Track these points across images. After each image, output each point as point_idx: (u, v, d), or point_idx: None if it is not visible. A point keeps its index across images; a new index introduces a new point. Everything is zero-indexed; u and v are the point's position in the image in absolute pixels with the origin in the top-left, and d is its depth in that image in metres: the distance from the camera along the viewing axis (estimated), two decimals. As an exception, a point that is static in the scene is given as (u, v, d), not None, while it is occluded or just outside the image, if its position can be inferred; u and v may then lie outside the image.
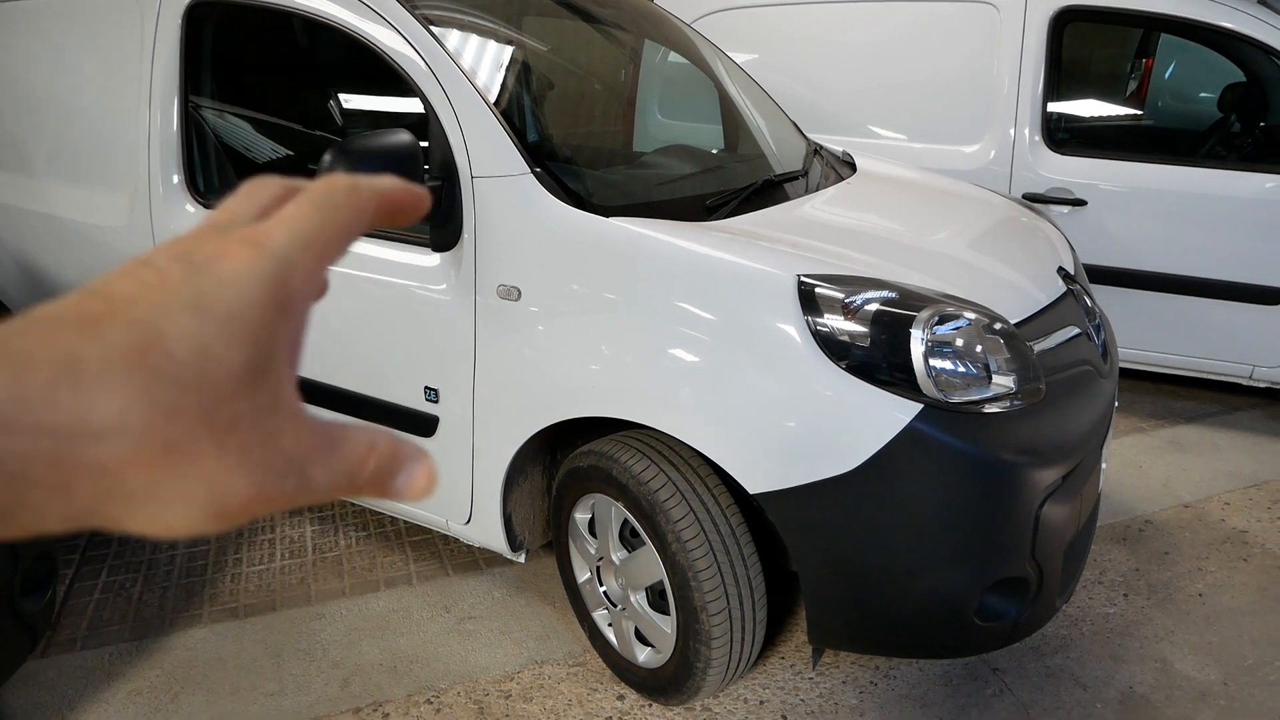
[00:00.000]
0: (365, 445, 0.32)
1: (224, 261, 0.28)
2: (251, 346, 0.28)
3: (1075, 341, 2.11)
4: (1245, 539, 2.99)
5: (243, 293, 0.28)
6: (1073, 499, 1.89)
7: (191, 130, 2.62)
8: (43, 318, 0.26)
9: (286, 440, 0.29)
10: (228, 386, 0.27)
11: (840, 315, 1.81)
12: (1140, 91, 4.62)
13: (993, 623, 1.89)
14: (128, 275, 0.27)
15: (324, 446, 0.30)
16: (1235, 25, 3.41)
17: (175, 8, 2.55)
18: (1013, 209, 2.73)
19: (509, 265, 2.08)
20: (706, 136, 3.34)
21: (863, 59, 4.05)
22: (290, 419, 0.29)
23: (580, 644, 2.48)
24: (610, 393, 2.00)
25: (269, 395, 0.28)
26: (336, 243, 0.32)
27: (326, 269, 0.32)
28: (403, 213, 0.35)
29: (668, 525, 1.97)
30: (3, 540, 0.27)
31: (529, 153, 2.10)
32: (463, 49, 2.25)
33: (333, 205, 0.32)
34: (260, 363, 0.28)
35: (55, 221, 2.90)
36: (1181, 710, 2.26)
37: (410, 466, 0.33)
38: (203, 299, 0.27)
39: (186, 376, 0.26)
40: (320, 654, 2.45)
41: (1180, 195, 3.49)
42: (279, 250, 0.29)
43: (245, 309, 0.28)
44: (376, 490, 0.33)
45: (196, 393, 0.26)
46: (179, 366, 0.26)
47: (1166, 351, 3.71)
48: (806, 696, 2.30)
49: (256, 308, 0.28)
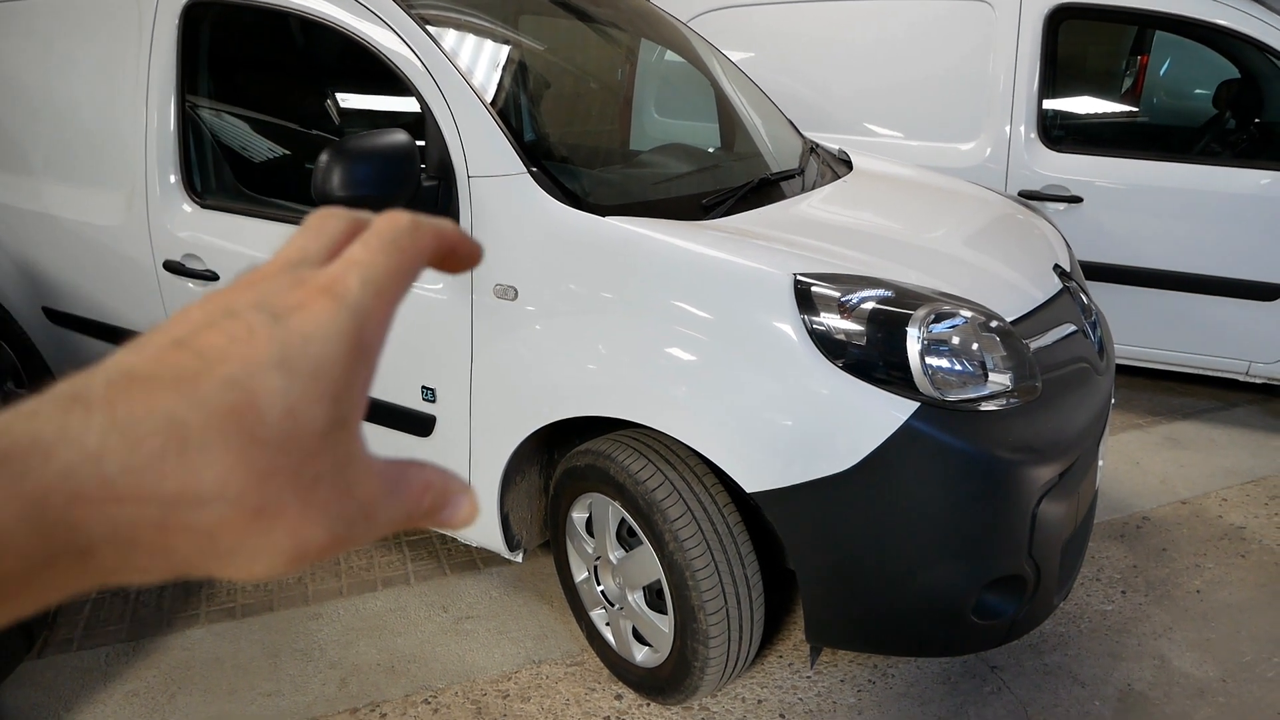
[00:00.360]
0: (422, 484, 0.33)
1: (306, 314, 0.29)
2: (334, 404, 0.28)
3: (1071, 339, 2.12)
4: (1243, 535, 3.00)
5: (326, 349, 0.28)
6: (1070, 496, 1.89)
7: (188, 130, 2.61)
8: (140, 376, 0.26)
9: (360, 490, 0.30)
10: (313, 445, 0.28)
11: (836, 314, 1.81)
12: (1135, 89, 4.62)
13: (990, 620, 1.89)
14: (214, 327, 0.28)
15: (389, 490, 0.31)
16: (1230, 22, 3.42)
17: (172, 7, 2.55)
18: (1009, 206, 2.73)
19: (505, 265, 2.08)
20: (703, 135, 3.34)
21: (859, 57, 4.05)
22: (363, 468, 0.30)
23: (578, 643, 2.48)
24: (607, 392, 2.00)
25: (346, 448, 0.29)
26: (404, 286, 0.32)
27: (394, 312, 0.32)
28: (456, 258, 0.36)
29: (665, 524, 1.97)
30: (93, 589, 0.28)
31: (525, 152, 2.10)
32: (459, 48, 2.25)
33: (399, 248, 0.32)
34: (341, 418, 0.29)
35: (52, 221, 2.89)
36: (1180, 707, 2.26)
37: (457, 500, 0.34)
38: (289, 357, 0.28)
39: (277, 438, 0.27)
40: (318, 654, 2.45)
41: (1176, 192, 3.50)
42: (355, 301, 0.30)
43: (329, 366, 0.28)
44: (426, 522, 0.34)
45: (286, 454, 0.27)
46: (270, 429, 0.27)
47: (1163, 348, 3.71)
48: (804, 695, 2.30)
49: (339, 364, 0.29)
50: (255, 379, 0.27)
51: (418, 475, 0.33)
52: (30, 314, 3.11)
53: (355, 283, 0.30)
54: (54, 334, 3.10)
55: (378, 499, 0.31)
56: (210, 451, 0.26)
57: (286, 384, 0.27)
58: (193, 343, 0.27)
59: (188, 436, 0.26)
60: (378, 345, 0.31)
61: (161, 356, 0.27)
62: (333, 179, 1.86)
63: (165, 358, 0.27)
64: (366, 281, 0.31)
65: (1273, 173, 3.38)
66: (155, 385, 0.26)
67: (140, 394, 0.26)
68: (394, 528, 0.32)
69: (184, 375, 0.26)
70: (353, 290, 0.30)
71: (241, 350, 0.27)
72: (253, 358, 0.27)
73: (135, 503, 0.25)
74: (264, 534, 0.27)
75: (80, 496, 0.25)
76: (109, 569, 0.26)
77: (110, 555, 0.26)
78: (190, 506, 0.26)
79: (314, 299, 0.29)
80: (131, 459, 0.25)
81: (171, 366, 0.27)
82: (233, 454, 0.26)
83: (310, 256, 0.32)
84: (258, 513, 0.27)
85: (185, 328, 0.28)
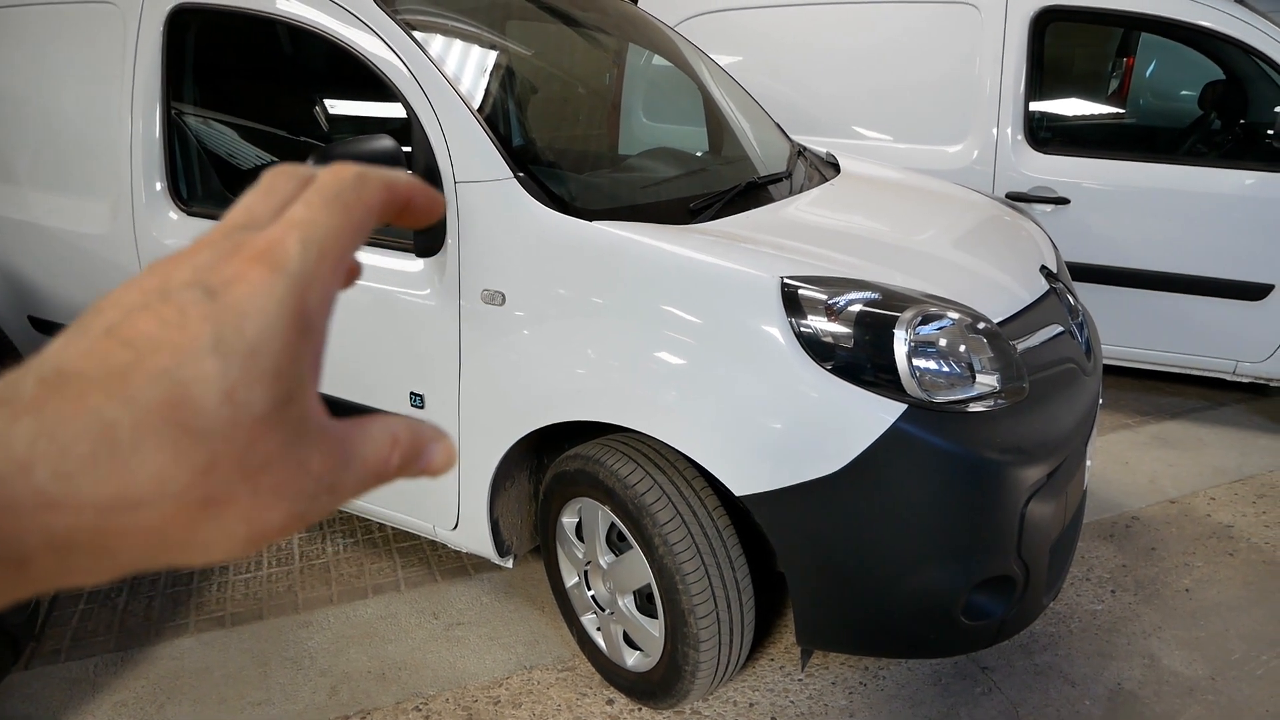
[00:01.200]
0: (388, 442, 0.32)
1: (240, 287, 0.27)
2: (276, 382, 0.27)
3: (1058, 340, 2.12)
4: (1231, 534, 3.01)
5: (263, 324, 0.27)
6: (1058, 496, 1.90)
7: (174, 137, 2.60)
8: (71, 373, 0.25)
9: (316, 464, 0.29)
10: (257, 428, 0.27)
11: (824, 316, 1.81)
12: (1121, 90, 4.64)
13: (980, 621, 1.90)
14: (148, 310, 0.26)
15: (350, 454, 0.30)
16: (1214, 24, 3.44)
17: (157, 14, 2.54)
18: (996, 208, 2.74)
19: (493, 270, 2.08)
20: (691, 139, 3.34)
21: (846, 60, 4.06)
22: (318, 438, 0.29)
23: (569, 649, 2.47)
24: (596, 396, 2.00)
25: (296, 423, 0.28)
26: (349, 245, 0.30)
27: (342, 273, 0.30)
28: (412, 212, 0.34)
29: (654, 529, 1.97)
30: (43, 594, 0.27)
31: (512, 157, 2.10)
32: (445, 54, 2.25)
33: (344, 204, 0.31)
34: (286, 394, 0.27)
35: (38, 229, 2.87)
36: (1169, 705, 2.27)
37: (430, 450, 0.33)
38: (224, 338, 0.26)
39: (217, 428, 0.26)
40: (308, 662, 2.44)
41: (1162, 193, 3.51)
42: (294, 267, 0.28)
43: (267, 342, 0.27)
44: (401, 476, 0.33)
45: (228, 442, 0.26)
46: (208, 418, 0.26)
47: (1150, 348, 3.73)
48: (796, 698, 2.30)
49: (279, 338, 0.27)
50: (188, 367, 0.25)
51: (382, 433, 0.32)
52: (16, 323, 3.09)
53: (294, 246, 0.28)
54: (40, 343, 3.07)
55: (338, 468, 0.30)
56: (143, 451, 0.25)
57: (222, 368, 0.26)
58: (124, 331, 0.26)
59: (119, 437, 0.25)
60: (324, 312, 0.29)
61: (93, 349, 0.26)
62: (318, 185, 1.85)
63: (97, 350, 0.26)
64: (307, 243, 0.29)
65: (1258, 173, 3.40)
66: (85, 384, 0.25)
67: (71, 394, 0.25)
68: (363, 490, 0.31)
69: (115, 370, 0.25)
70: (291, 255, 0.28)
71: (173, 336, 0.26)
72: (185, 344, 0.26)
73: (70, 511, 0.24)
74: (215, 524, 0.26)
75: (10, 507, 0.24)
76: (49, 576, 0.25)
77: (49, 563, 0.25)
78: (128, 510, 0.25)
79: (250, 268, 0.28)
80: (62, 465, 0.24)
81: (102, 361, 0.25)
82: (168, 451, 0.25)
83: (256, 219, 0.30)
84: (204, 505, 0.26)
85: (118, 312, 0.27)
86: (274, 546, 2.96)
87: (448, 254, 2.13)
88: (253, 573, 2.83)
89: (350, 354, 2.34)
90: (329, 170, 0.32)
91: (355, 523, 3.11)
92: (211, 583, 2.78)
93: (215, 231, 0.30)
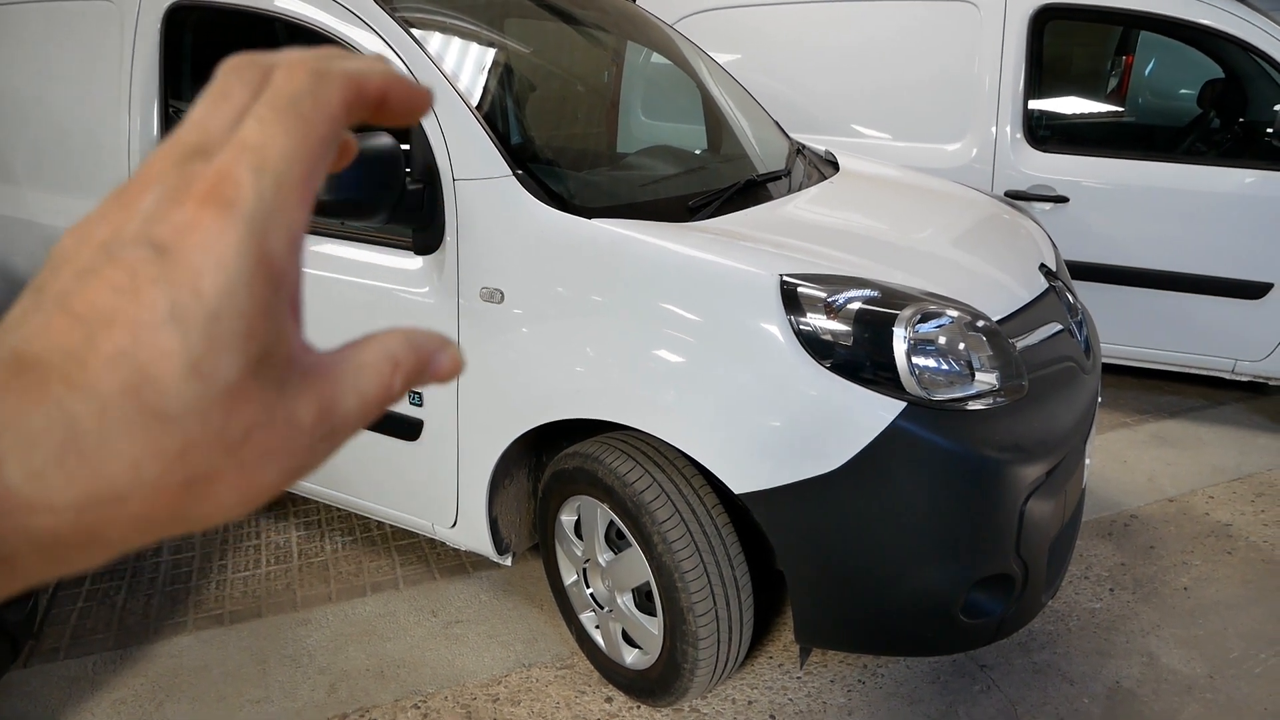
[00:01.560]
0: (389, 365, 0.29)
1: (192, 238, 0.24)
2: (246, 343, 0.24)
3: (1058, 338, 2.12)
4: (1229, 532, 3.01)
5: (222, 282, 0.24)
6: (1057, 495, 1.90)
7: (171, 135, 2.60)
8: (28, 360, 0.23)
9: (306, 414, 0.26)
10: (232, 398, 0.24)
11: (823, 314, 1.81)
12: (1121, 88, 4.65)
13: (979, 619, 1.90)
14: (97, 275, 0.24)
15: (344, 392, 0.28)
16: (1213, 22, 3.44)
17: (154, 11, 2.53)
18: (995, 206, 2.74)
19: (492, 268, 2.08)
20: (689, 137, 3.34)
21: (845, 58, 4.06)
22: (305, 387, 0.27)
23: (568, 646, 2.47)
24: (595, 394, 2.00)
25: (277, 379, 0.26)
26: (314, 164, 0.27)
27: (309, 198, 0.27)
28: (390, 107, 0.30)
29: (653, 526, 1.97)
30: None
31: (511, 155, 2.10)
32: (443, 51, 2.25)
33: (301, 115, 0.26)
34: (260, 352, 0.25)
35: (35, 228, 2.87)
36: (1168, 704, 2.27)
37: (437, 360, 0.30)
38: (180, 303, 0.24)
39: (187, 406, 0.24)
40: (307, 660, 2.43)
41: (1161, 191, 3.51)
42: (249, 205, 0.25)
43: (229, 301, 0.24)
44: (408, 389, 0.30)
45: (201, 419, 0.24)
46: (175, 398, 0.24)
47: (1150, 346, 3.73)
48: (794, 696, 2.30)
49: (242, 294, 0.24)
50: (145, 345, 0.23)
51: (378, 354, 0.29)
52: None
53: (247, 179, 0.25)
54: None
55: (333, 409, 0.27)
56: (111, 443, 0.23)
57: (183, 340, 0.23)
58: (75, 303, 0.24)
59: (84, 431, 0.23)
60: (292, 250, 0.26)
61: (48, 328, 0.24)
62: (317, 183, 1.85)
63: (52, 329, 0.24)
64: (261, 172, 0.25)
65: (1257, 171, 3.40)
66: (43, 371, 0.23)
67: (31, 384, 0.23)
68: (365, 422, 0.29)
69: (71, 353, 0.23)
70: (245, 191, 0.25)
71: (126, 308, 0.23)
72: (139, 316, 0.23)
73: (46, 511, 0.23)
74: (204, 500, 0.25)
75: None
76: (39, 570, 0.24)
77: (35, 559, 0.24)
78: (107, 504, 0.24)
79: (201, 212, 0.24)
80: (31, 462, 0.23)
81: (58, 343, 0.23)
82: (138, 440, 0.23)
83: (210, 137, 0.26)
84: (188, 487, 0.24)
85: (70, 274, 0.24)
86: (273, 545, 2.96)
87: (446, 252, 2.12)
88: (251, 570, 2.82)
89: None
90: (282, 71, 0.27)
91: (354, 521, 3.11)
92: (210, 580, 2.77)
93: (164, 156, 0.26)
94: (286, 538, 3.01)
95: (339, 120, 0.28)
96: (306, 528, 3.07)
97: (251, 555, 2.91)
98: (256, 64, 0.28)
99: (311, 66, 0.27)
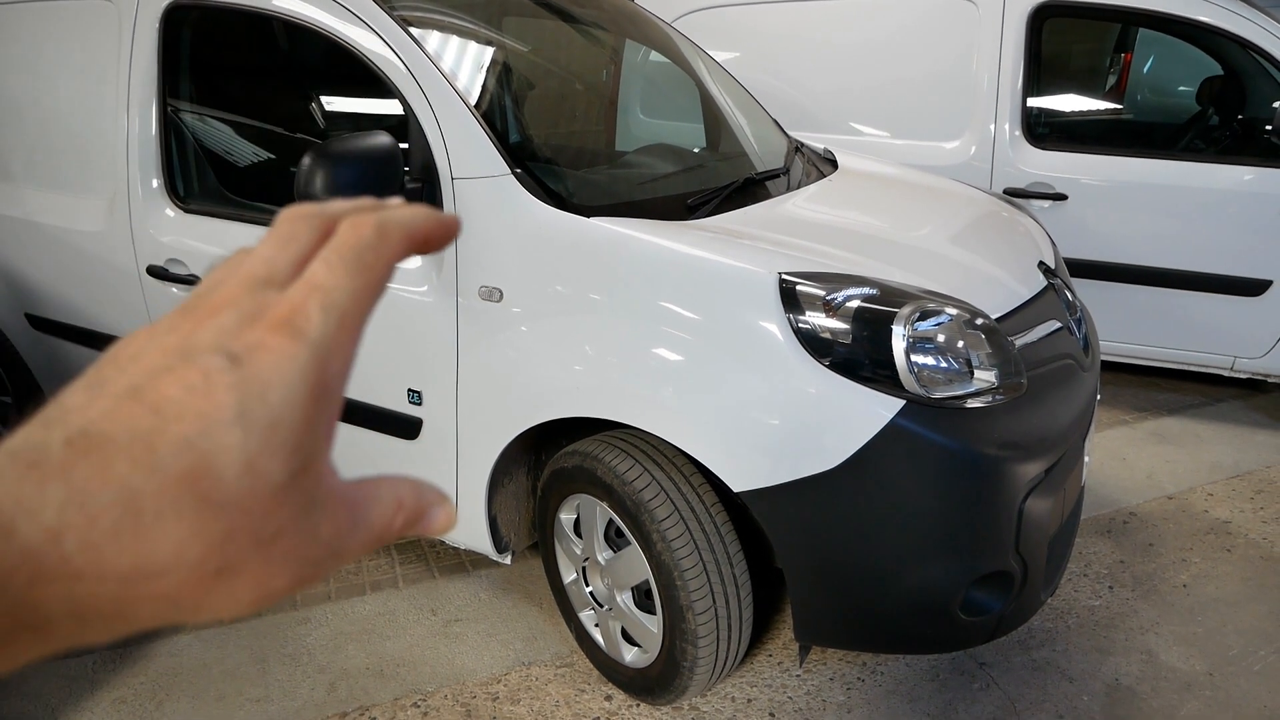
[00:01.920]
0: (394, 504, 0.32)
1: (264, 356, 0.27)
2: (295, 453, 0.27)
3: (1056, 335, 2.12)
4: (1228, 529, 3.01)
5: (285, 396, 0.27)
6: (1056, 492, 1.90)
7: (170, 134, 2.60)
8: (96, 437, 0.25)
9: (325, 530, 0.29)
10: (273, 499, 0.27)
11: (822, 312, 1.81)
12: (1119, 86, 4.65)
13: (978, 617, 1.90)
14: (171, 374, 0.26)
15: (357, 519, 0.30)
16: (1212, 19, 3.43)
17: (152, 10, 2.53)
18: (993, 204, 2.74)
19: (490, 266, 2.08)
20: (688, 135, 3.34)
21: (844, 56, 4.06)
22: (328, 505, 0.29)
23: (567, 645, 2.47)
24: (594, 393, 2.00)
25: (309, 491, 0.28)
26: (370, 305, 0.30)
27: (360, 336, 0.30)
28: (432, 243, 0.34)
29: (652, 525, 1.97)
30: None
31: (509, 153, 2.10)
32: (442, 50, 2.25)
33: (365, 265, 0.30)
34: (302, 464, 0.27)
35: (34, 227, 2.87)
36: (1167, 701, 2.27)
37: (433, 513, 0.33)
38: (247, 409, 0.26)
39: (235, 498, 0.26)
40: (306, 659, 2.44)
41: (1160, 188, 3.51)
42: (316, 336, 0.28)
43: (288, 413, 0.27)
44: (401, 537, 0.33)
45: (244, 513, 0.26)
46: (228, 489, 0.26)
47: (1148, 344, 3.73)
48: (794, 694, 2.30)
49: (299, 410, 0.27)
50: (211, 437, 0.26)
51: (388, 494, 0.32)
52: (13, 320, 3.09)
53: (316, 314, 0.28)
54: (37, 340, 3.08)
55: (344, 533, 0.30)
56: (166, 522, 0.25)
57: (244, 439, 0.26)
58: (149, 395, 0.26)
59: (143, 508, 0.25)
60: (342, 379, 0.29)
61: (117, 411, 0.26)
62: (315, 182, 1.85)
63: (121, 413, 0.26)
64: (329, 310, 0.28)
65: (1256, 168, 3.40)
66: (111, 449, 0.25)
67: (97, 459, 0.25)
68: (367, 551, 0.31)
69: (139, 436, 0.25)
70: (314, 323, 0.28)
71: (198, 404, 0.26)
72: (210, 413, 0.26)
73: (94, 580, 0.25)
74: (226, 590, 0.27)
75: (41, 576, 0.24)
76: (67, 638, 0.26)
77: (69, 627, 0.25)
78: (147, 579, 0.25)
79: (273, 336, 0.28)
80: (89, 535, 0.24)
81: (127, 425, 0.25)
82: (188, 522, 0.25)
83: (276, 272, 0.30)
84: (218, 574, 0.26)
85: (141, 372, 0.27)
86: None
87: (445, 250, 2.12)
88: (251, 570, 2.82)
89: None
90: (349, 225, 0.31)
91: (353, 520, 3.11)
92: (209, 580, 2.77)
93: (233, 286, 0.29)
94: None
95: (395, 264, 0.32)
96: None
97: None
98: (316, 216, 0.32)
99: (374, 223, 0.31)
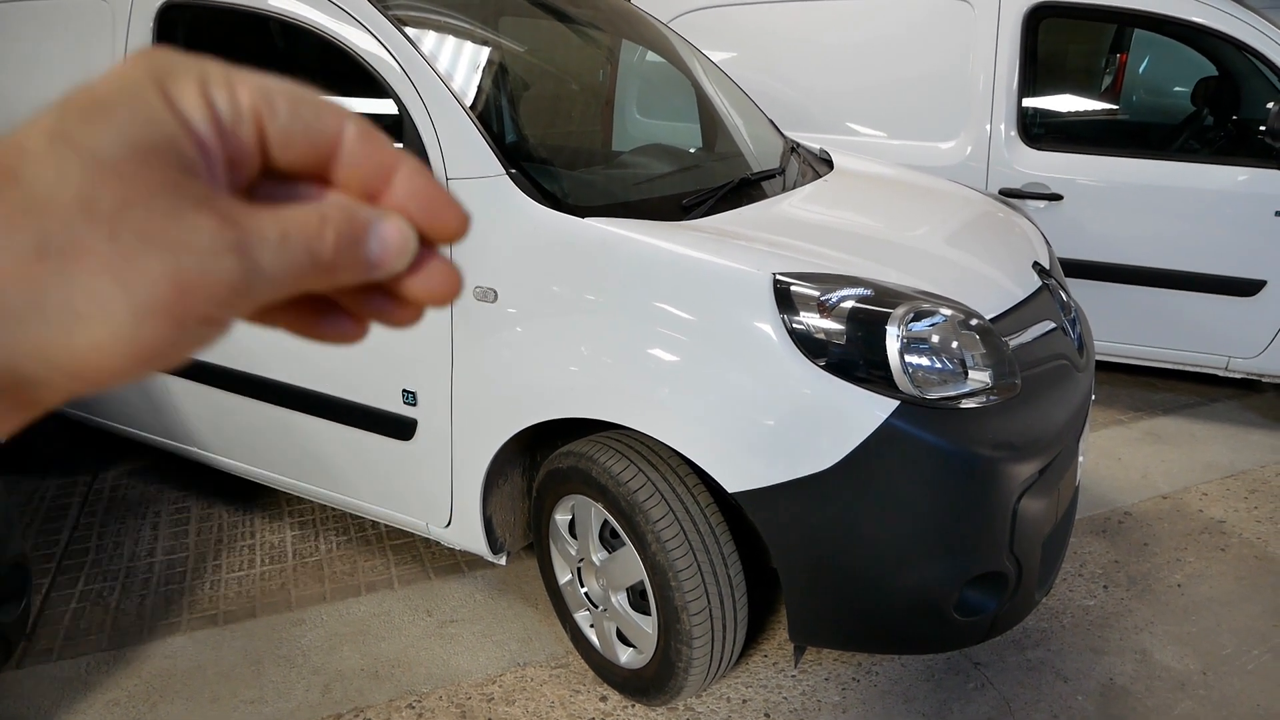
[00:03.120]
0: (315, 215, 0.28)
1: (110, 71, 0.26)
2: (128, 128, 0.24)
3: (1051, 336, 2.12)
4: (1223, 529, 3.02)
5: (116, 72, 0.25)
6: (1050, 492, 1.90)
7: (164, 134, 2.59)
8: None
9: (201, 215, 0.25)
10: (103, 172, 0.24)
11: (816, 313, 1.81)
12: (1115, 86, 4.66)
13: (972, 617, 1.90)
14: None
15: (255, 217, 0.26)
16: (1207, 20, 3.44)
17: (147, 10, 2.53)
18: (989, 204, 2.74)
19: (485, 267, 2.08)
20: (684, 135, 3.34)
21: (840, 56, 4.06)
22: (211, 197, 0.26)
23: (563, 645, 2.47)
24: (588, 393, 2.00)
25: (169, 177, 0.25)
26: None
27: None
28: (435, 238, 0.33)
29: (647, 525, 1.97)
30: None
31: (504, 154, 2.09)
32: (437, 50, 2.24)
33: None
34: (148, 142, 0.25)
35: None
36: (1161, 700, 2.27)
37: (376, 227, 0.29)
38: (69, 95, 0.25)
39: (38, 166, 0.23)
40: (301, 660, 2.43)
41: (1155, 189, 3.52)
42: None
43: (121, 94, 0.25)
44: (352, 267, 0.29)
45: (58, 182, 0.23)
46: (29, 157, 0.23)
47: (1143, 344, 3.74)
48: (789, 694, 2.30)
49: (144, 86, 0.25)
50: (24, 131, 0.24)
51: (307, 207, 0.28)
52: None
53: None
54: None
55: (243, 227, 0.26)
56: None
57: (54, 118, 0.24)
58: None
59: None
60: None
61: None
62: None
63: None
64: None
65: (1250, 169, 3.41)
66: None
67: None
68: (298, 275, 0.27)
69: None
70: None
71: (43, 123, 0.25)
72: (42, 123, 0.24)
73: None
74: (67, 279, 0.23)
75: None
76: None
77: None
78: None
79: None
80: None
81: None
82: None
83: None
84: (39, 251, 0.23)
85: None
86: (267, 545, 2.95)
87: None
88: (245, 570, 2.82)
89: (341, 351, 2.34)
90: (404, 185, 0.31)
91: (348, 520, 3.11)
92: (204, 580, 2.77)
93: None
94: (281, 537, 3.00)
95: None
96: (301, 527, 3.07)
97: (246, 555, 2.90)
98: (381, 158, 0.31)
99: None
